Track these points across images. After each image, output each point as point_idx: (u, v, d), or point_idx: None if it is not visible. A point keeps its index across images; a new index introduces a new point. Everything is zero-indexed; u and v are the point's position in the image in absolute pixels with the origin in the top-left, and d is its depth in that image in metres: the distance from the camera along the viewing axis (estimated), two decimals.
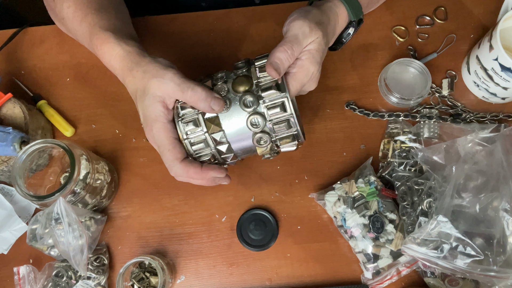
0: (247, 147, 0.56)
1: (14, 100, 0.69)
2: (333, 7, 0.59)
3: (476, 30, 0.77)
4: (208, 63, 0.77)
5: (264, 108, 0.53)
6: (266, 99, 0.53)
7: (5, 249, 0.68)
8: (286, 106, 0.53)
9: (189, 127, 0.54)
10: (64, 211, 0.56)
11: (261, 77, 0.54)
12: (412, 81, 0.72)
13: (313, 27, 0.54)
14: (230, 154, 0.56)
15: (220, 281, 0.67)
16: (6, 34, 0.77)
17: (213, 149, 0.55)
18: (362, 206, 0.64)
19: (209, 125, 0.54)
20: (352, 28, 0.63)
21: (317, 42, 0.55)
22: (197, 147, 0.55)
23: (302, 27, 0.54)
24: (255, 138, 0.54)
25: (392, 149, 0.69)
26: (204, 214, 0.70)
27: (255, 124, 0.53)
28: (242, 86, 0.54)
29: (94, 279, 0.64)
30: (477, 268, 0.54)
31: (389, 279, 0.64)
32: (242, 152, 0.57)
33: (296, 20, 0.55)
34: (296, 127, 0.54)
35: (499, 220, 0.55)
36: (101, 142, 0.73)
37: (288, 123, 0.54)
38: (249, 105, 0.53)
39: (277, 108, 0.53)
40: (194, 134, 0.54)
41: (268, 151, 0.57)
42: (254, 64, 0.56)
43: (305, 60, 0.55)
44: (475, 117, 0.71)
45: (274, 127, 0.54)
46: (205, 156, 0.56)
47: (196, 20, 0.80)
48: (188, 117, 0.54)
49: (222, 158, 0.57)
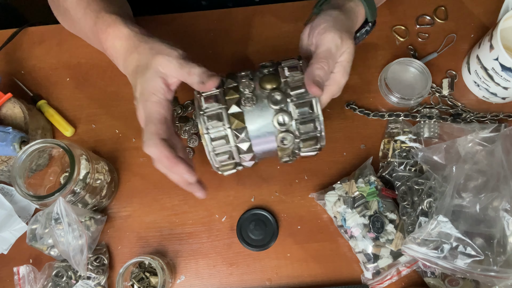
0: (268, 147, 0.55)
1: (14, 100, 0.69)
2: (355, 8, 0.58)
3: (476, 30, 0.77)
4: (208, 63, 0.77)
5: (291, 107, 0.53)
6: (294, 97, 0.53)
7: (5, 249, 0.68)
8: (314, 106, 0.53)
9: (211, 121, 0.52)
10: (64, 211, 0.56)
11: (289, 76, 0.54)
12: (412, 81, 0.72)
13: (344, 37, 0.53)
14: (250, 153, 0.55)
15: (220, 281, 0.67)
16: (6, 34, 0.77)
17: (233, 146, 0.54)
18: (362, 206, 0.64)
19: (233, 120, 0.53)
20: (364, 29, 0.62)
21: (348, 53, 0.54)
22: (217, 143, 0.53)
23: (334, 39, 0.53)
24: (278, 137, 0.53)
25: (392, 149, 0.69)
26: (204, 214, 0.70)
27: (281, 123, 0.53)
28: (270, 83, 0.53)
29: (94, 279, 0.64)
30: (477, 268, 0.54)
31: (389, 279, 0.64)
32: (262, 152, 0.56)
33: (327, 32, 0.53)
34: (321, 127, 0.53)
35: (499, 220, 0.55)
36: (101, 142, 0.73)
37: (314, 124, 0.53)
38: (277, 102, 0.52)
39: (305, 107, 0.52)
40: (216, 129, 0.53)
41: (289, 152, 0.56)
42: (281, 64, 0.55)
43: (337, 73, 0.55)
44: (476, 117, 0.71)
45: (300, 127, 0.53)
46: (223, 154, 0.54)
47: (196, 20, 0.80)
48: (210, 111, 0.53)
49: (240, 157, 0.55)
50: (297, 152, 0.57)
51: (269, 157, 0.58)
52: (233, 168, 0.58)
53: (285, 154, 0.56)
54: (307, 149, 0.56)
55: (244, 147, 0.54)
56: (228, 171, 0.58)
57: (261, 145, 0.55)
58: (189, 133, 0.73)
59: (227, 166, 0.57)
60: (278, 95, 0.53)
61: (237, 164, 0.57)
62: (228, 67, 0.77)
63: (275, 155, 0.57)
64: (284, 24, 0.79)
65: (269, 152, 0.56)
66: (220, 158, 0.55)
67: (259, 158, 0.57)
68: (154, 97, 0.52)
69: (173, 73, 0.53)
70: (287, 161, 0.59)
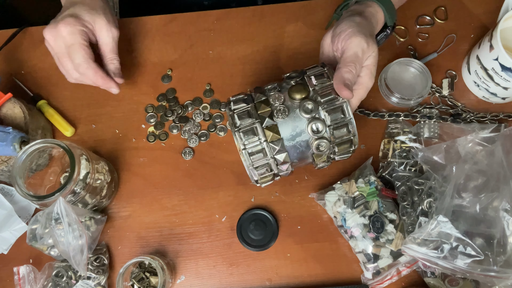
0: (304, 155, 0.56)
1: (14, 100, 0.69)
2: (375, 13, 0.59)
3: (476, 30, 0.77)
4: (208, 63, 0.77)
5: (324, 114, 0.54)
6: (325, 104, 0.54)
7: (5, 249, 0.68)
8: (345, 110, 0.54)
9: (247, 136, 0.54)
10: (64, 211, 0.56)
11: (317, 84, 0.55)
12: (412, 81, 0.72)
13: (369, 42, 0.55)
14: (287, 164, 0.56)
15: (220, 281, 0.67)
16: (6, 34, 0.77)
17: (271, 158, 0.55)
18: (362, 206, 0.64)
19: (268, 133, 0.54)
20: (384, 33, 0.63)
21: (373, 57, 0.56)
22: (255, 157, 0.55)
23: (361, 43, 0.54)
24: (314, 144, 0.55)
25: (392, 149, 0.69)
26: (204, 214, 0.70)
27: (315, 131, 0.54)
28: (299, 93, 0.54)
29: (94, 279, 0.64)
30: (477, 268, 0.54)
31: (389, 279, 0.64)
32: (299, 161, 0.57)
33: (354, 37, 0.55)
34: (353, 130, 0.55)
35: (499, 220, 0.55)
36: (101, 142, 0.73)
37: (347, 128, 0.54)
38: (308, 111, 0.54)
39: (337, 113, 0.54)
40: (252, 143, 0.54)
41: (325, 158, 0.57)
42: (306, 73, 0.57)
43: (364, 76, 0.56)
44: (475, 117, 0.71)
45: (334, 132, 0.54)
46: (261, 167, 0.56)
47: (196, 20, 0.80)
48: (245, 126, 0.54)
49: (278, 168, 0.57)
50: (332, 157, 0.58)
51: (305, 165, 0.59)
52: (272, 179, 0.59)
53: (320, 160, 0.57)
54: (341, 153, 0.57)
55: (281, 158, 0.56)
56: (267, 182, 0.59)
57: (297, 154, 0.56)
58: (189, 133, 0.73)
59: (266, 178, 0.58)
60: (309, 104, 0.54)
61: (275, 175, 0.58)
62: (228, 67, 0.77)
63: (311, 163, 0.58)
64: (284, 24, 0.79)
65: (305, 160, 0.57)
66: (260, 171, 0.56)
67: (296, 166, 0.59)
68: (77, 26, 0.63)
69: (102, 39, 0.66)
70: (322, 166, 0.60)
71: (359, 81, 0.56)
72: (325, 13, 0.79)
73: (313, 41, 0.77)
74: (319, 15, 0.79)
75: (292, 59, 0.77)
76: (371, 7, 0.59)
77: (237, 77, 0.76)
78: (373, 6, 0.60)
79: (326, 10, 0.79)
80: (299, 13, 0.79)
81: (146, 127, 0.74)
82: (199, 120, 0.74)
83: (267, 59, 0.77)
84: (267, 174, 0.57)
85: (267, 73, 0.76)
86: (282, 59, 0.77)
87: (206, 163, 0.72)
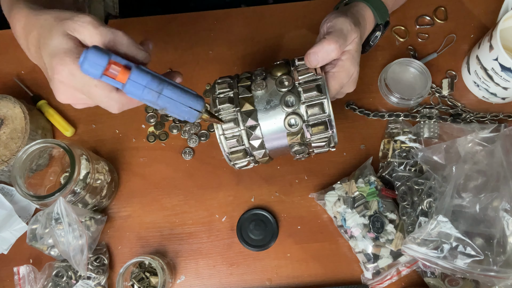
0: (276, 128, 0.55)
1: (14, 100, 0.69)
2: (360, 11, 0.59)
3: (476, 30, 0.77)
4: (208, 63, 0.77)
5: (300, 91, 0.54)
6: (302, 82, 0.54)
7: (5, 249, 0.68)
8: (322, 88, 0.53)
9: (223, 105, 0.54)
10: (64, 211, 0.56)
11: (299, 65, 0.55)
12: (412, 81, 0.72)
13: (352, 25, 0.55)
14: (259, 139, 0.56)
15: (220, 281, 0.67)
16: (6, 34, 0.77)
17: (242, 129, 0.55)
18: (362, 206, 0.64)
19: (243, 102, 0.54)
20: (379, 31, 0.63)
21: (356, 42, 0.55)
22: (227, 126, 0.55)
23: (345, 23, 0.54)
24: (286, 120, 0.54)
25: (392, 149, 0.69)
26: (204, 214, 0.70)
27: (289, 105, 0.54)
28: (279, 71, 0.55)
29: (94, 279, 0.64)
30: (477, 268, 0.54)
31: (389, 279, 0.64)
32: (272, 138, 0.56)
33: (339, 17, 0.55)
34: (329, 111, 0.54)
35: (499, 220, 0.55)
36: (101, 142, 0.73)
37: (321, 107, 0.54)
38: (285, 86, 0.54)
39: (313, 91, 0.53)
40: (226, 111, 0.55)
41: (299, 139, 0.56)
42: (295, 64, 0.56)
43: (346, 60, 0.55)
44: (475, 117, 0.71)
45: (308, 110, 0.54)
46: (239, 152, 0.56)
47: (196, 20, 0.80)
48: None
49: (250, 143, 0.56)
50: (308, 141, 0.56)
51: (281, 150, 0.58)
52: (245, 158, 0.58)
53: (295, 141, 0.56)
54: (317, 137, 0.56)
55: (255, 144, 0.55)
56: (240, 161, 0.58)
57: (268, 127, 0.55)
58: (189, 133, 0.73)
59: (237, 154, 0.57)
60: (286, 79, 0.54)
61: (249, 154, 0.57)
62: (228, 67, 0.77)
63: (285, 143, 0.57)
64: (284, 24, 0.79)
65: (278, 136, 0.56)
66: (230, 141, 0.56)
67: (271, 149, 0.57)
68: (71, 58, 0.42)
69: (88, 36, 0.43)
70: (299, 158, 0.58)
71: (339, 64, 0.55)
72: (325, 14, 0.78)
73: (313, 41, 0.76)
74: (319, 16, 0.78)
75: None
76: (357, 6, 0.59)
77: None
78: (358, 5, 0.59)
79: (326, 11, 0.78)
80: (299, 13, 0.79)
81: (146, 127, 0.74)
82: (199, 120, 0.74)
83: (267, 59, 0.77)
84: (239, 147, 0.56)
85: None
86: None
87: (206, 163, 0.72)
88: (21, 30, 0.49)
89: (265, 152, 0.57)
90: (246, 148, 0.56)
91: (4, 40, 0.77)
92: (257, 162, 0.60)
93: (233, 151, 0.57)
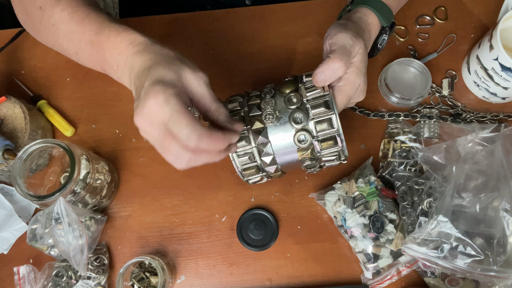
0: (285, 144, 0.56)
1: (14, 100, 0.69)
2: (363, 17, 0.59)
3: (476, 30, 0.77)
4: (208, 63, 0.77)
5: (308, 107, 0.54)
6: (310, 98, 0.55)
7: (5, 249, 0.68)
8: (329, 104, 0.54)
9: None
10: (64, 211, 0.56)
11: (306, 82, 0.56)
12: (412, 81, 0.72)
13: (354, 38, 0.55)
14: (270, 155, 0.56)
15: (220, 281, 0.67)
16: (7, 34, 0.77)
17: (254, 147, 0.56)
18: (362, 206, 0.64)
19: (256, 136, 0.55)
20: (385, 34, 0.63)
21: (360, 53, 0.55)
22: (239, 144, 0.55)
23: (346, 38, 0.54)
24: (295, 136, 0.55)
25: (392, 149, 0.69)
26: (204, 214, 0.70)
27: (297, 122, 0.54)
28: (288, 88, 0.56)
29: (94, 279, 0.64)
30: (477, 268, 0.54)
31: (389, 279, 0.64)
32: (282, 153, 0.57)
33: (339, 33, 0.55)
34: (337, 125, 0.55)
35: (499, 220, 0.55)
36: (101, 142, 0.73)
37: (329, 123, 0.54)
38: (293, 103, 0.55)
39: (321, 107, 0.54)
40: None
41: (309, 154, 0.57)
42: (303, 80, 0.57)
43: (351, 73, 0.55)
44: (475, 117, 0.71)
45: (317, 126, 0.54)
46: (243, 155, 0.57)
47: (196, 20, 0.80)
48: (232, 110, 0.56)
49: (261, 159, 0.57)
50: (318, 156, 0.57)
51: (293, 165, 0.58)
52: (257, 173, 0.59)
53: (306, 157, 0.57)
54: (327, 152, 0.56)
55: (267, 160, 0.56)
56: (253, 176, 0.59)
57: (279, 143, 0.56)
58: None
59: (250, 170, 0.58)
60: (294, 96, 0.55)
61: (261, 170, 0.58)
62: (228, 67, 0.77)
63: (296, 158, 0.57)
64: (284, 24, 0.79)
65: (289, 151, 0.56)
66: (242, 159, 0.57)
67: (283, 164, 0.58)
68: (172, 89, 0.45)
69: (196, 93, 0.48)
70: (309, 165, 0.59)
71: (344, 77, 0.55)
72: (325, 14, 0.79)
73: (313, 41, 0.77)
74: (319, 16, 0.79)
75: (292, 59, 0.77)
76: (359, 12, 0.59)
77: (237, 77, 0.76)
78: (360, 11, 0.59)
79: (327, 11, 0.79)
80: (299, 13, 0.79)
81: None
82: None
83: (267, 59, 0.77)
84: (251, 164, 0.57)
85: (267, 73, 0.76)
86: (282, 60, 0.77)
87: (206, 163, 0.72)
88: (139, 60, 0.50)
89: (277, 168, 0.58)
90: (258, 164, 0.57)
91: (4, 40, 0.77)
92: (270, 177, 0.61)
93: (246, 168, 0.57)
